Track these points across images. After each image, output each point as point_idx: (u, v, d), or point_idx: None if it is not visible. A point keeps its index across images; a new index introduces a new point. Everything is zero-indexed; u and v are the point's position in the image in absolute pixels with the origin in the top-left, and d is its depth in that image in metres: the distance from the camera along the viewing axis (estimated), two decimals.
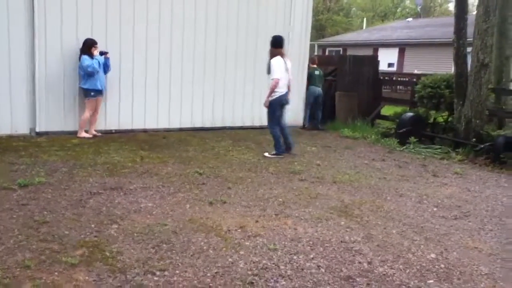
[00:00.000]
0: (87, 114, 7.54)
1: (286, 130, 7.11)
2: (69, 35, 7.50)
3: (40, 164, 5.63)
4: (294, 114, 10.45)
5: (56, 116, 7.59)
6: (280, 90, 6.77)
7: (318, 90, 10.35)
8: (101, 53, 7.47)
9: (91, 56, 7.32)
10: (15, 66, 7.20)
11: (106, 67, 7.60)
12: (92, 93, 7.45)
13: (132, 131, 8.07)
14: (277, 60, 6.70)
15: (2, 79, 7.12)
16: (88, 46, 7.34)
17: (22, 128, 7.37)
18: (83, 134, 7.56)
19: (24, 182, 4.78)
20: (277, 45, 6.84)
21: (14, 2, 7.05)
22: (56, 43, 7.42)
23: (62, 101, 7.62)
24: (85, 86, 7.40)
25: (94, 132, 7.73)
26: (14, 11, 7.07)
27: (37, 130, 7.46)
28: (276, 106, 6.85)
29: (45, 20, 7.28)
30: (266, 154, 7.00)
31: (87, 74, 7.32)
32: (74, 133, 7.63)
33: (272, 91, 6.73)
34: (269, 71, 6.81)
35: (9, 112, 7.24)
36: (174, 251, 3.41)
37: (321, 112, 10.50)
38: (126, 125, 8.14)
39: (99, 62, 7.39)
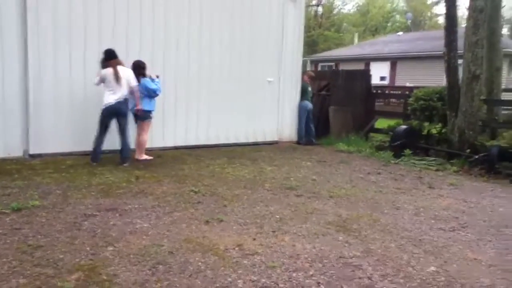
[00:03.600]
0: (145, 136, 7.52)
1: (125, 142, 7.14)
2: (63, 55, 7.51)
3: (34, 187, 5.57)
4: (288, 129, 10.52)
5: (50, 138, 7.53)
6: (107, 101, 6.87)
7: (310, 104, 10.45)
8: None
9: (150, 78, 7.35)
10: (8, 88, 7.15)
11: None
12: (151, 114, 7.51)
13: None
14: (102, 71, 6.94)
15: None
16: (144, 69, 7.32)
17: (15, 150, 7.30)
18: (144, 157, 7.51)
19: (18, 206, 4.71)
20: (106, 57, 6.98)
21: (6, 21, 7.04)
22: (49, 64, 7.41)
23: (55, 122, 7.57)
24: (147, 108, 7.34)
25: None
26: (7, 29, 7.05)
27: (31, 152, 7.40)
28: (103, 116, 6.95)
29: (38, 40, 7.27)
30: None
31: (150, 96, 7.34)
32: (67, 155, 7.57)
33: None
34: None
35: (2, 134, 7.18)
36: (171, 272, 3.36)
37: (313, 126, 10.55)
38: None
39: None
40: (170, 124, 8.69)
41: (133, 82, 7.01)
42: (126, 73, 6.97)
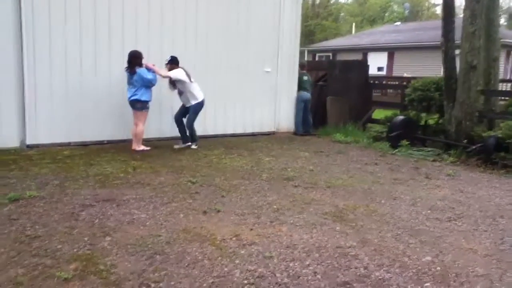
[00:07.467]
0: (142, 126, 7.54)
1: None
2: (58, 45, 7.46)
3: (31, 178, 5.57)
4: (285, 120, 10.51)
5: (47, 128, 7.51)
6: (202, 96, 7.98)
7: (308, 95, 10.41)
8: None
9: (147, 68, 7.41)
10: (4, 78, 7.12)
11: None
12: (148, 105, 7.54)
13: (123, 141, 8.02)
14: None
15: None
16: (141, 59, 7.37)
17: (12, 141, 7.28)
18: (141, 147, 7.52)
19: (15, 196, 4.71)
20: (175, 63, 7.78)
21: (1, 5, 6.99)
22: (45, 54, 7.37)
23: (52, 112, 7.55)
24: (144, 98, 7.39)
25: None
26: (1, 17, 7.00)
27: (28, 142, 7.39)
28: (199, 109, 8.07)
29: (33, 29, 7.21)
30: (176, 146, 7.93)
31: (146, 87, 7.37)
32: (65, 145, 7.56)
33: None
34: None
35: None
36: (168, 262, 3.38)
37: (311, 117, 10.54)
38: (117, 135, 8.10)
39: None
40: (167, 114, 8.65)
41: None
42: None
